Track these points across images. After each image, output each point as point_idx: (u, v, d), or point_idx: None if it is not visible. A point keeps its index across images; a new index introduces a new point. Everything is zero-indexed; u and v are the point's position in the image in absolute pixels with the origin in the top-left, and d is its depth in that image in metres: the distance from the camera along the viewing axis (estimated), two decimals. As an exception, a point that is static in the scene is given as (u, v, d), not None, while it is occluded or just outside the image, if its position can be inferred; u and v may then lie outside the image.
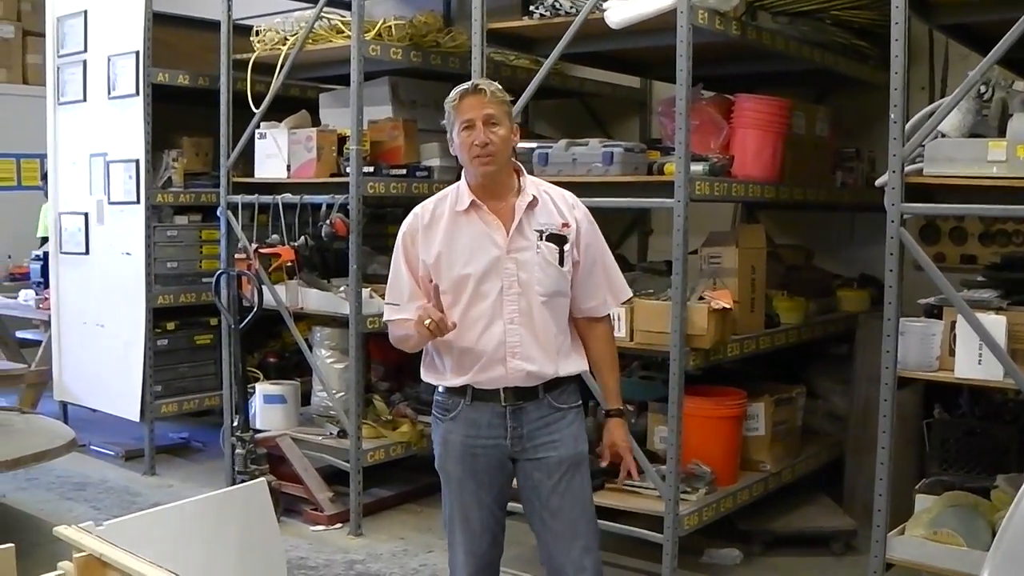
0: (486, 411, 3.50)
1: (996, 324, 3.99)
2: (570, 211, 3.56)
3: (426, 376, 3.64)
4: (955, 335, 4.13)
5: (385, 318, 3.68)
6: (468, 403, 3.51)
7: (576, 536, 3.54)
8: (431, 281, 3.49)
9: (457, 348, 3.48)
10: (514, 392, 3.49)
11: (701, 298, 5.05)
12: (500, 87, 3.50)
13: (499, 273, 3.44)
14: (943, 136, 4.19)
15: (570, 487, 3.54)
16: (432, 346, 3.55)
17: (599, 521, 3.79)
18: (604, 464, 3.79)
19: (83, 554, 2.72)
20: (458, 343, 3.47)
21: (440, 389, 3.60)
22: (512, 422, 3.49)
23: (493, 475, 3.55)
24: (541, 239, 3.47)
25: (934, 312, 4.39)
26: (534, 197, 3.50)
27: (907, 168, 4.10)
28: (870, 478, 4.73)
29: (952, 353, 4.15)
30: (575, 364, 3.62)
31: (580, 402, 3.68)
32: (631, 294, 3.89)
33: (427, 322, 3.34)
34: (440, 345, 3.51)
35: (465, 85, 3.51)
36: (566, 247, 3.49)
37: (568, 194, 3.64)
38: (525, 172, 3.60)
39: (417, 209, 3.59)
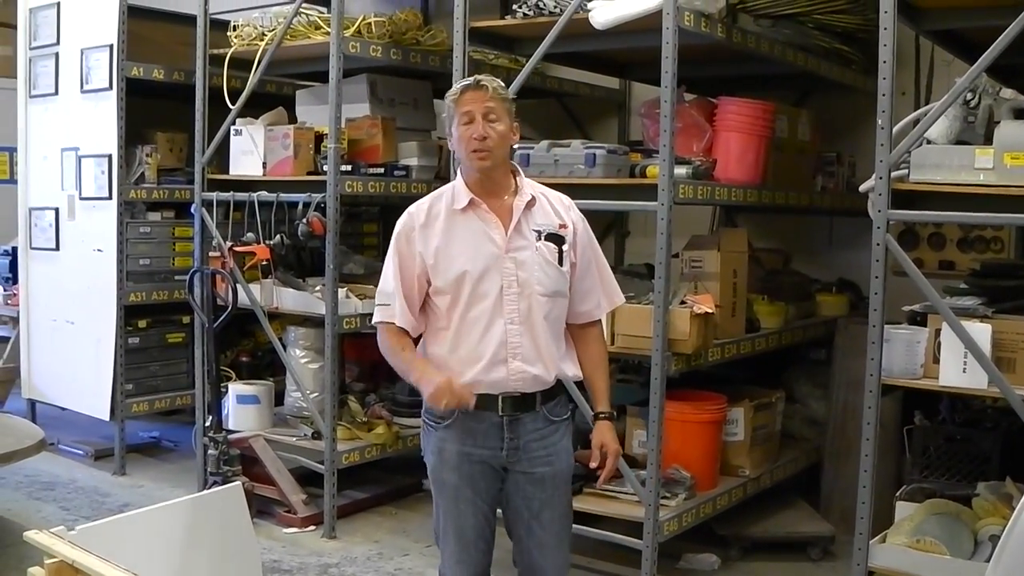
0: (483, 421, 3.43)
1: (981, 332, 3.97)
2: (566, 213, 3.54)
3: None
4: (939, 343, 4.11)
5: (375, 320, 3.56)
6: (464, 411, 3.41)
7: (560, 545, 3.59)
8: (428, 283, 3.44)
9: (457, 351, 3.43)
10: (512, 402, 3.43)
11: (683, 302, 5.00)
12: (502, 84, 3.46)
13: (498, 272, 3.39)
14: (929, 143, 4.17)
15: (560, 500, 3.57)
16: (427, 349, 3.51)
17: (577, 526, 3.85)
18: (594, 465, 3.69)
19: (55, 560, 2.66)
20: (456, 349, 3.42)
21: None
22: (509, 433, 3.45)
23: (489, 483, 3.50)
24: (540, 239, 3.44)
25: (917, 319, 4.37)
26: (532, 197, 3.47)
27: (892, 174, 4.07)
28: (848, 484, 4.71)
29: (936, 361, 4.12)
30: (571, 369, 3.59)
31: (569, 415, 3.66)
32: (624, 299, 3.85)
33: (444, 401, 3.29)
34: (436, 348, 3.47)
35: (467, 80, 3.46)
36: (564, 247, 3.47)
37: (564, 196, 3.61)
38: (522, 173, 3.56)
39: (411, 208, 3.53)
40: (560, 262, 3.45)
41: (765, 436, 5.84)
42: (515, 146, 5.35)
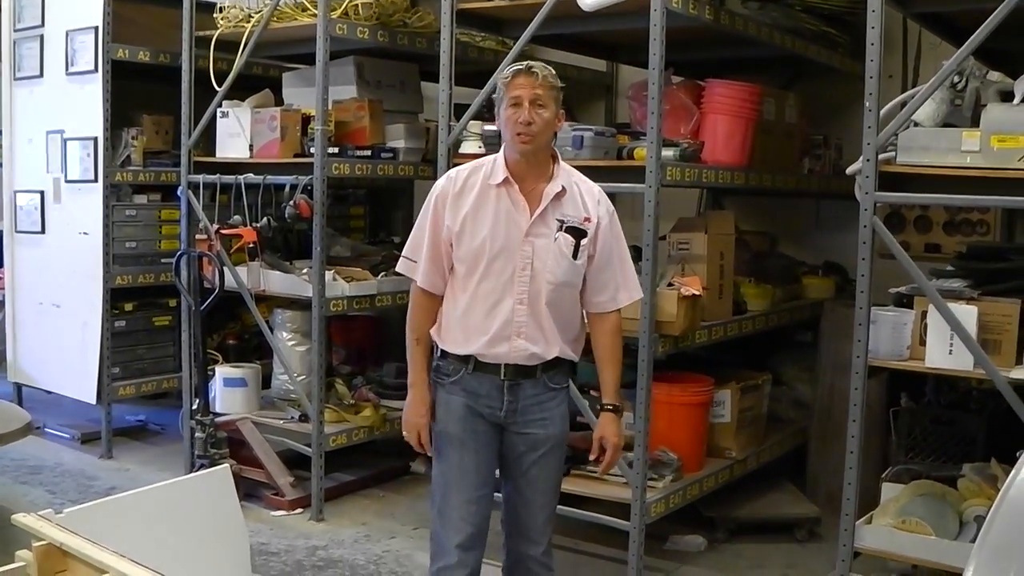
0: (486, 382, 3.62)
1: (967, 314, 4.00)
2: (595, 206, 3.66)
3: (435, 334, 3.71)
4: (926, 325, 4.13)
5: (398, 268, 3.83)
6: (470, 372, 3.62)
7: (545, 506, 3.76)
8: (451, 247, 3.61)
9: (466, 321, 3.61)
10: (514, 369, 3.61)
11: (670, 284, 5.02)
12: (553, 72, 3.58)
13: (515, 254, 3.55)
14: (916, 125, 4.18)
15: (549, 462, 3.73)
16: (447, 311, 3.67)
17: (564, 507, 3.96)
18: (593, 457, 3.84)
19: (43, 543, 2.65)
20: (467, 316, 3.60)
21: (442, 353, 3.70)
22: (509, 396, 3.62)
23: (491, 439, 3.68)
24: (560, 230, 3.58)
25: (904, 301, 4.39)
26: (563, 187, 3.59)
27: (879, 157, 4.08)
28: (834, 466, 4.71)
29: (923, 342, 4.15)
30: (573, 352, 3.74)
31: (568, 383, 3.85)
32: (642, 294, 3.99)
33: (406, 433, 3.75)
34: (453, 311, 3.64)
35: (519, 65, 3.59)
36: (583, 241, 3.60)
37: (596, 188, 3.74)
38: (561, 160, 3.69)
39: (451, 173, 3.70)
40: (575, 255, 3.59)
41: (752, 418, 5.86)
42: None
